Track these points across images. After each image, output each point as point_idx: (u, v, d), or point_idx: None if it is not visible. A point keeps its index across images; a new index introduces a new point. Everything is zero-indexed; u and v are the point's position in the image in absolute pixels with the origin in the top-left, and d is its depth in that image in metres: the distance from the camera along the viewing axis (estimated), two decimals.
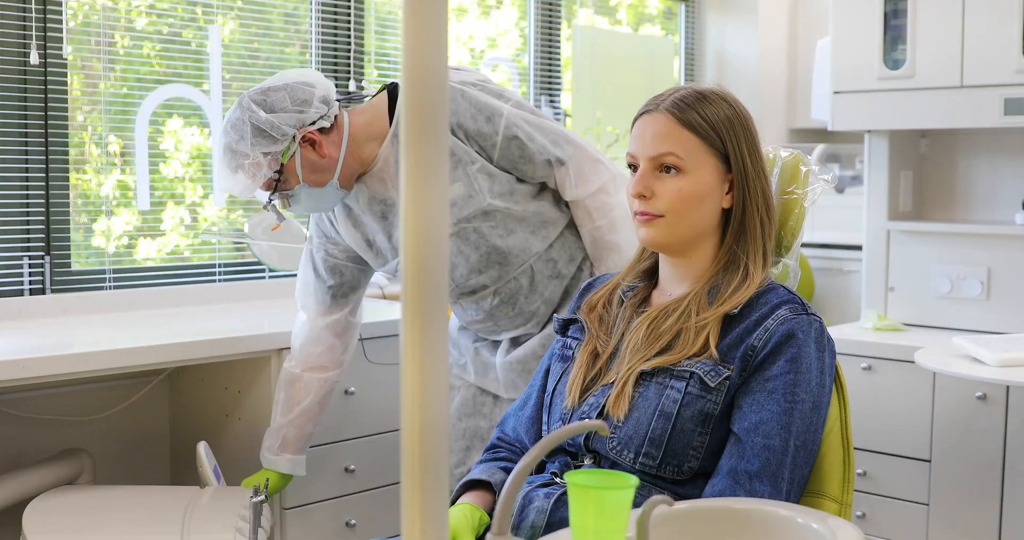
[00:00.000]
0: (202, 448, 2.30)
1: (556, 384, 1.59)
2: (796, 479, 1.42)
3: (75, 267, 2.73)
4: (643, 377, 1.46)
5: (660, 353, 1.47)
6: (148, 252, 2.92)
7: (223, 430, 2.59)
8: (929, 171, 3.27)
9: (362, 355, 2.56)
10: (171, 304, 2.83)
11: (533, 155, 2.06)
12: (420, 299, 0.74)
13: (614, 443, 1.45)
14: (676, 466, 1.42)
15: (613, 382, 1.49)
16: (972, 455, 2.73)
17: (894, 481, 2.87)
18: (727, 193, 1.52)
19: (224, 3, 3.02)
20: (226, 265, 3.03)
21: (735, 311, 1.45)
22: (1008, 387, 2.64)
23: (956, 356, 2.46)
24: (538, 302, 2.14)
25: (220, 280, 3.00)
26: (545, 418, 1.60)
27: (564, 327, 1.64)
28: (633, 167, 1.54)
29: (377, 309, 2.80)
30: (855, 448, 2.89)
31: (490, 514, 1.53)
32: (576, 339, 1.61)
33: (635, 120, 1.56)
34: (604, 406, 1.47)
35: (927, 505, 2.81)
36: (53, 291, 2.66)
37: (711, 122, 1.51)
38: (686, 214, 1.50)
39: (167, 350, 2.31)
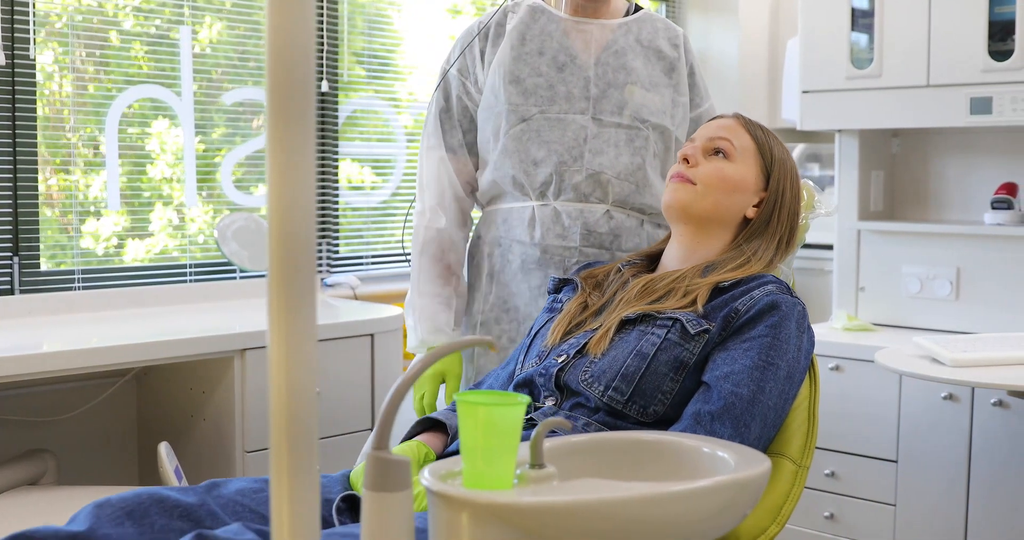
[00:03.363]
0: (163, 448, 2.30)
1: (540, 329, 1.64)
2: (764, 438, 1.43)
3: (44, 267, 2.74)
4: (627, 324, 1.51)
5: (648, 305, 1.53)
6: (137, 253, 2.93)
7: (188, 431, 2.59)
8: (901, 171, 3.27)
9: (328, 355, 2.56)
10: (141, 304, 2.83)
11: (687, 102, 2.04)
12: (286, 274, 0.74)
13: (586, 375, 1.47)
14: (642, 406, 1.44)
15: (597, 328, 1.54)
16: (938, 455, 2.72)
17: (861, 482, 2.86)
18: (755, 206, 1.63)
19: (212, 5, 3.03)
20: (197, 265, 3.03)
21: (726, 284, 1.52)
22: (973, 388, 2.63)
23: (917, 356, 2.45)
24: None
25: (191, 280, 3.00)
26: (521, 358, 1.62)
27: (558, 287, 1.71)
28: None
29: (349, 309, 2.80)
30: (823, 448, 2.89)
31: (439, 454, 1.55)
32: (568, 297, 1.67)
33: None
34: (585, 346, 1.51)
35: (894, 506, 2.81)
36: (21, 292, 2.66)
37: (769, 144, 1.65)
38: (716, 192, 1.60)
39: (130, 350, 2.30)
